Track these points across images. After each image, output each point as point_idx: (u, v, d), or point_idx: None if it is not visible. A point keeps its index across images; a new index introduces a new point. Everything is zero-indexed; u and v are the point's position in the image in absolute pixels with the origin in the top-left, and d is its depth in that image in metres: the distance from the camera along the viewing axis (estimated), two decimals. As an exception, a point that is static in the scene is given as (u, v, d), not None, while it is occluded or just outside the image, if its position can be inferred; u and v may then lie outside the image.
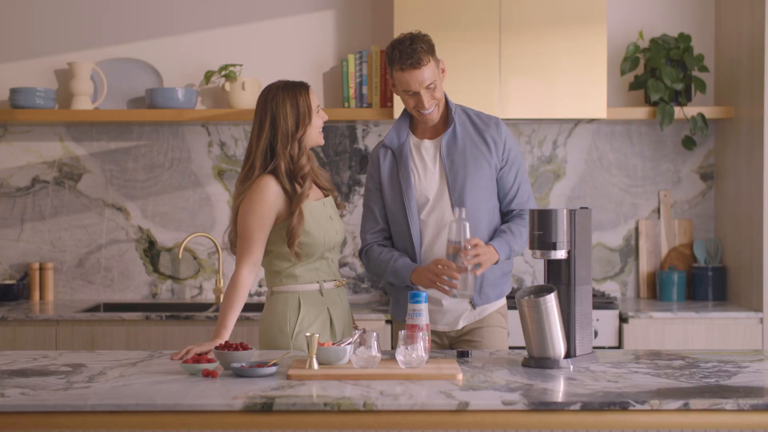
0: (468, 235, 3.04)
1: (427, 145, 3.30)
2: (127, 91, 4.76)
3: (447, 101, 3.30)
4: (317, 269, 3.23)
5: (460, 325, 3.32)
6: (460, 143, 3.27)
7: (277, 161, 3.15)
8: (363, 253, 3.38)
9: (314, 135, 3.22)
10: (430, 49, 3.20)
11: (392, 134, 3.33)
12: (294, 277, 3.21)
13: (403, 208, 3.27)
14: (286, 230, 3.15)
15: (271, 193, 3.13)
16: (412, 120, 3.35)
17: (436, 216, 3.27)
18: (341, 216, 3.39)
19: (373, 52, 4.63)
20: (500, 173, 3.30)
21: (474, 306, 3.30)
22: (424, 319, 2.87)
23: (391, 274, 3.26)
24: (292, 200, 3.15)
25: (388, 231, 3.36)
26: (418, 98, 3.20)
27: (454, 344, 3.35)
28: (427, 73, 3.17)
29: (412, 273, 3.20)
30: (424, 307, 2.88)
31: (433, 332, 3.32)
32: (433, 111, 3.23)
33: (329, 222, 3.25)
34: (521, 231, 3.26)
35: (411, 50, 3.15)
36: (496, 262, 3.18)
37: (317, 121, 3.23)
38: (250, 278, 3.12)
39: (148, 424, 2.40)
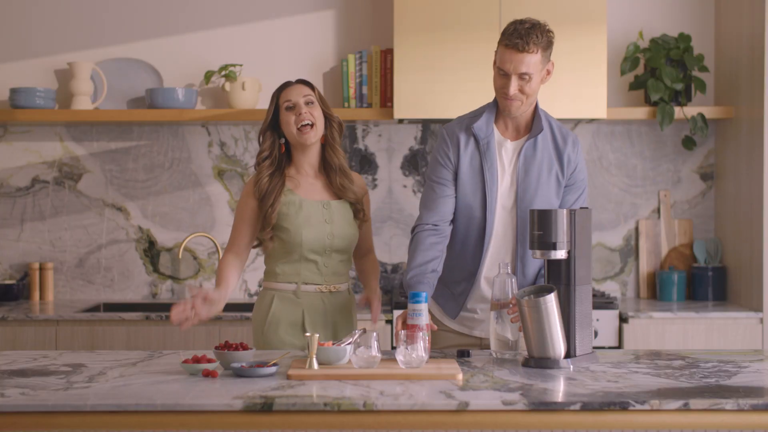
0: (516, 290, 2.94)
1: (508, 146, 3.18)
2: (127, 91, 4.75)
3: (537, 107, 3.18)
4: (299, 271, 3.23)
5: None
6: (539, 155, 3.15)
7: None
8: (414, 233, 3.20)
9: (288, 131, 3.25)
10: (544, 43, 3.07)
11: (481, 123, 3.18)
12: (274, 275, 3.26)
13: (483, 202, 3.13)
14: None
15: (251, 187, 3.26)
16: (497, 114, 3.21)
17: (497, 221, 3.16)
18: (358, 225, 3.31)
19: (373, 52, 4.62)
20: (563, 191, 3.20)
21: None
22: (424, 319, 2.86)
23: (405, 281, 3.12)
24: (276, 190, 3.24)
25: (450, 213, 3.18)
26: (506, 82, 3.08)
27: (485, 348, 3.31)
28: (527, 60, 3.04)
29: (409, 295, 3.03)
30: (424, 307, 2.87)
31: (469, 336, 3.27)
32: (515, 102, 3.10)
33: (322, 224, 3.22)
34: None
35: (525, 32, 3.03)
36: None
37: (285, 116, 3.24)
38: (234, 261, 3.22)
39: (148, 424, 2.40)
